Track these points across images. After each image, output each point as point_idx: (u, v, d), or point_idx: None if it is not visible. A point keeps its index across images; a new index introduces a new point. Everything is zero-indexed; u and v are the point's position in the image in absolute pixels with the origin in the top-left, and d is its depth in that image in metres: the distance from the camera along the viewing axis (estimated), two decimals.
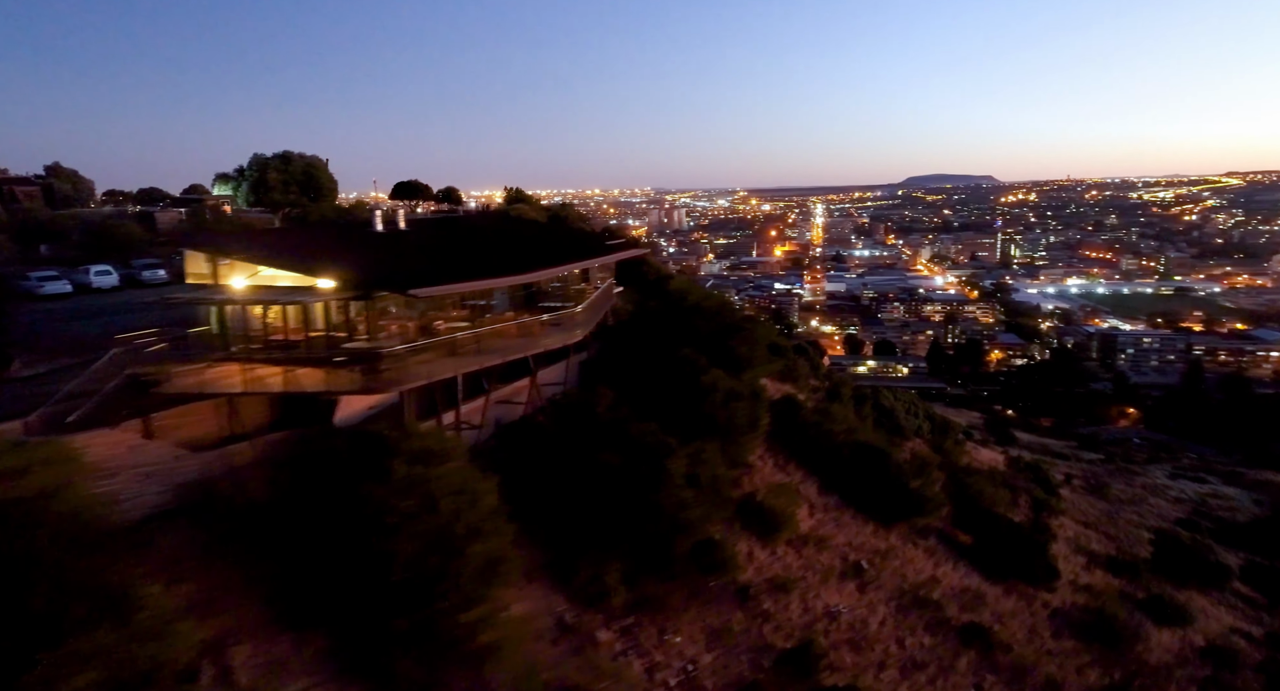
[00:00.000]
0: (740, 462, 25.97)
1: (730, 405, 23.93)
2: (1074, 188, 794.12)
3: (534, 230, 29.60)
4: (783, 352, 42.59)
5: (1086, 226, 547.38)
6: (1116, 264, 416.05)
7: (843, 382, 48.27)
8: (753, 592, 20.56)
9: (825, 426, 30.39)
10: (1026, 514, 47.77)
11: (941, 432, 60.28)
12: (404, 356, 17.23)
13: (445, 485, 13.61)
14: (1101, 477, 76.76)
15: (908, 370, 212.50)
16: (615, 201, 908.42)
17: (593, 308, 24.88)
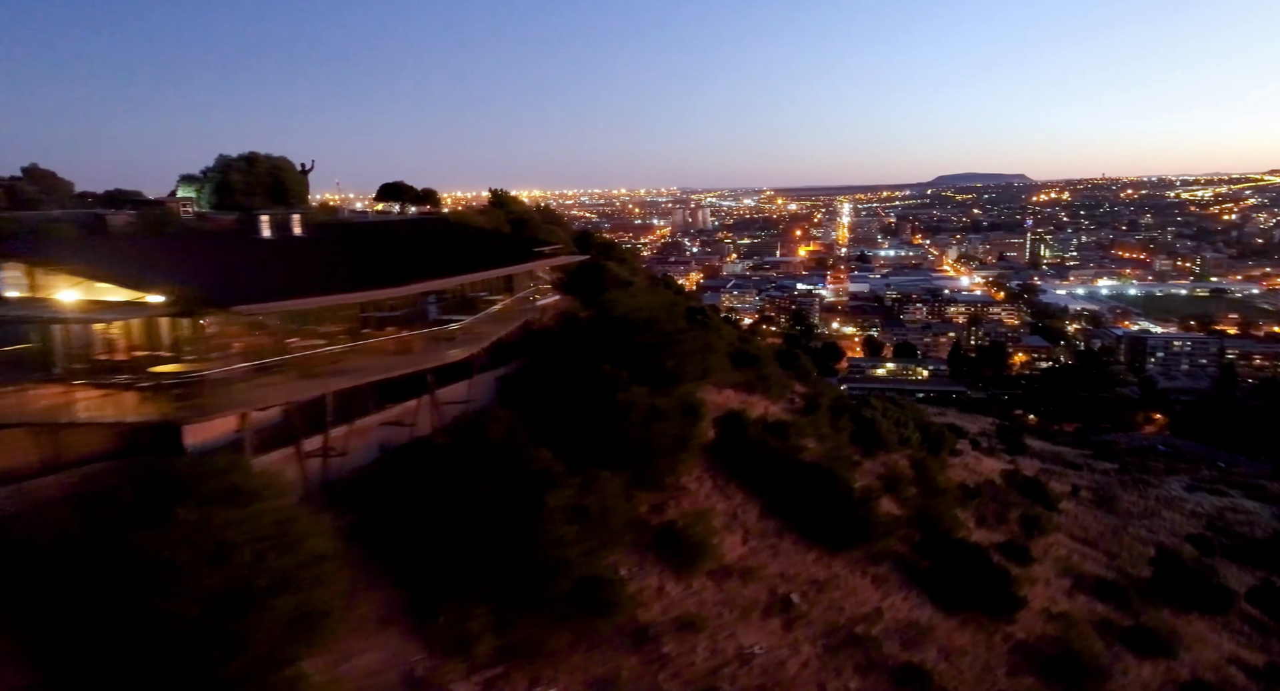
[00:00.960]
0: (666, 486, 24.39)
1: (651, 425, 22.38)
2: (1109, 186, 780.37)
3: (464, 237, 28.17)
4: (753, 361, 40.97)
5: (1120, 226, 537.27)
6: (1150, 264, 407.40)
7: (823, 392, 46.39)
8: (653, 633, 18.97)
9: (771, 444, 28.64)
10: (1014, 532, 45.64)
11: (935, 444, 58.14)
12: (234, 380, 15.90)
13: (248, 530, 12.24)
14: (1113, 489, 73.92)
15: (928, 373, 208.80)
16: (641, 201, 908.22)
17: (499, 319, 23.37)
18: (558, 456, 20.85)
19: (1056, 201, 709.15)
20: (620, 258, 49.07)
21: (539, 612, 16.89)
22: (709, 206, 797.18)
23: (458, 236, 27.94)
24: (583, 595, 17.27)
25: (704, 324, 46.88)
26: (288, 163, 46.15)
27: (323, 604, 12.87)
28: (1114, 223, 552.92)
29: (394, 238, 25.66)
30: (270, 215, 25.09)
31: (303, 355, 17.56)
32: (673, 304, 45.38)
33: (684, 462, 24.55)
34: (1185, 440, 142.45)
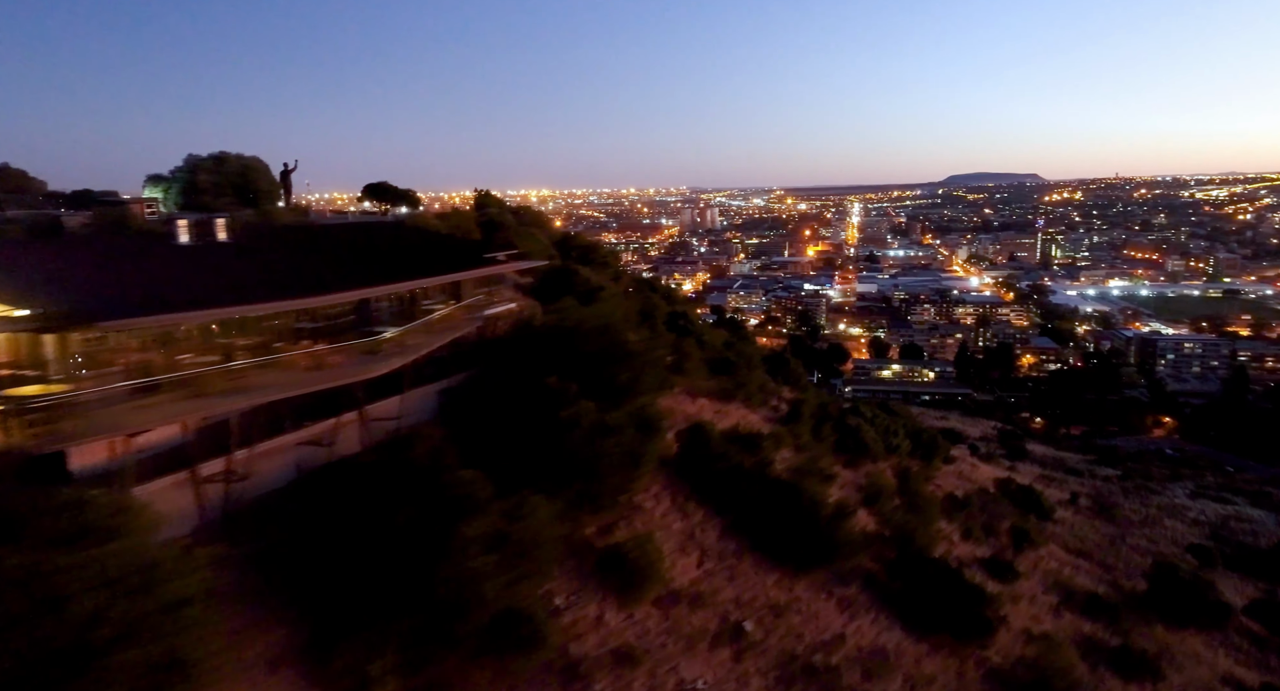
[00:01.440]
0: (618, 505, 23.15)
1: (598, 442, 21.18)
2: (1122, 186, 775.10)
3: (413, 242, 26.99)
4: (732, 368, 39.71)
5: (1133, 226, 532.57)
6: (1162, 265, 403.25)
7: (809, 398, 45.04)
8: (584, 669, 17.71)
9: (735, 458, 27.35)
10: (1003, 544, 44.27)
11: (928, 451, 56.75)
12: (109, 402, 14.72)
13: (92, 575, 11.11)
14: (1113, 497, 72.33)
15: (934, 375, 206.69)
16: (650, 201, 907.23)
17: (437, 329, 22.06)
18: (493, 477, 19.67)
19: (1069, 201, 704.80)
20: (601, 261, 47.89)
21: (454, 650, 15.72)
22: (718, 206, 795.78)
23: (407, 241, 26.77)
24: (502, 630, 16.09)
25: (685, 329, 45.68)
26: (259, 163, 45.20)
27: (186, 652, 11.75)
28: (1127, 223, 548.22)
29: (335, 243, 24.51)
30: (189, 219, 24.01)
31: (193, 373, 16.36)
32: (649, 309, 44.33)
33: (638, 480, 23.29)
34: (1194, 444, 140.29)
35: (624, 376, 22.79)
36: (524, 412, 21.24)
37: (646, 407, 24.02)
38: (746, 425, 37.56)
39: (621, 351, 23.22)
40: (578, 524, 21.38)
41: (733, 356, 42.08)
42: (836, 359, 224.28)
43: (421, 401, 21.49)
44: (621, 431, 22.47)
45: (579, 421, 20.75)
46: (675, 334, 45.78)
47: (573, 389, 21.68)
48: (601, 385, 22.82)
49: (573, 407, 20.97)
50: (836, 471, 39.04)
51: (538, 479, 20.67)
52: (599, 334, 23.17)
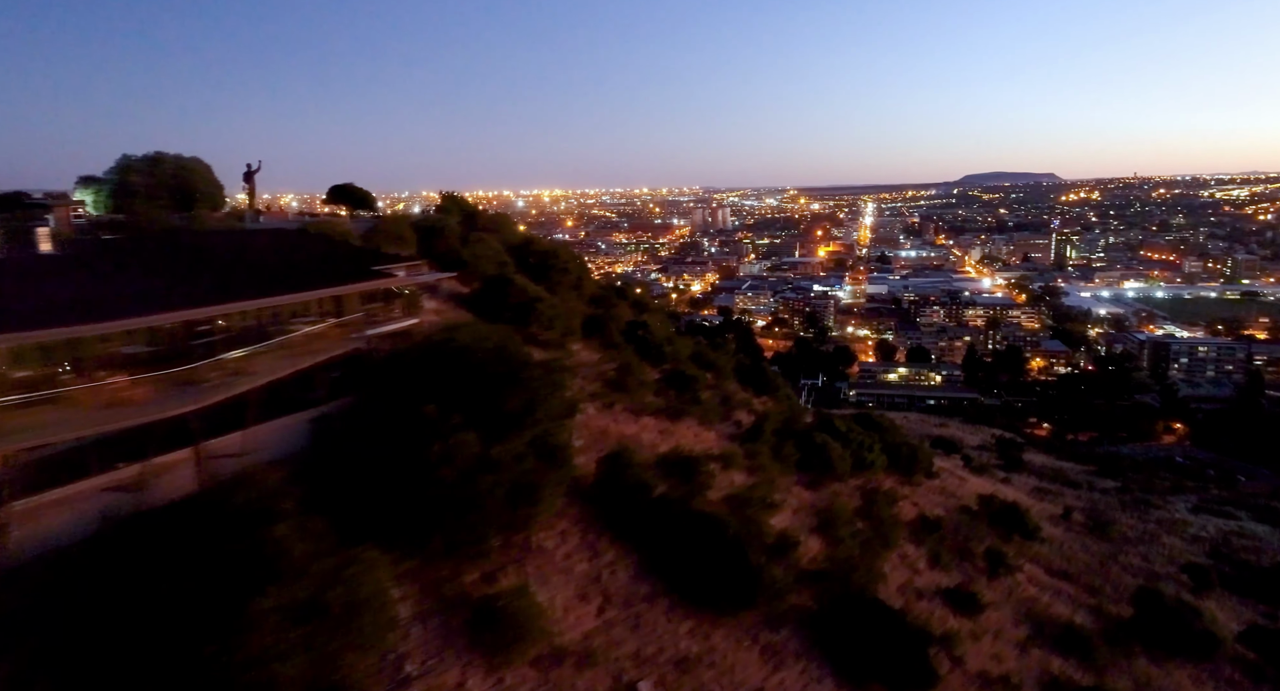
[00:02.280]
0: (510, 547, 20.97)
1: (479, 479, 19.05)
2: (1140, 186, 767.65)
3: (298, 253, 24.83)
4: (684, 383, 37.43)
5: (1151, 227, 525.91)
6: (1179, 266, 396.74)
7: (772, 413, 42.69)
8: None
9: (660, 488, 25.07)
10: (977, 569, 41.78)
11: (909, 465, 54.32)
12: None
13: None
14: (1110, 512, 69.39)
15: (941, 378, 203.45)
16: (663, 200, 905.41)
17: (296, 352, 19.86)
18: (347, 525, 17.58)
19: (1086, 201, 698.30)
20: (561, 267, 45.68)
21: None
22: (731, 206, 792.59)
23: (293, 252, 24.68)
24: None
25: (643, 339, 43.47)
26: (199, 164, 43.35)
27: None
28: (1144, 223, 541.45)
29: (204, 255, 22.40)
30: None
31: None
32: (602, 319, 42.21)
33: (536, 518, 21.12)
34: (1206, 451, 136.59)
35: (517, 402, 20.58)
36: (395, 446, 19.12)
37: (549, 436, 21.81)
38: (695, 446, 35.33)
39: (516, 373, 21.02)
40: (457, 571, 19.19)
41: (689, 370, 39.77)
42: (842, 361, 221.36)
43: (283, 433, 19.34)
44: (514, 464, 20.29)
45: (452, 456, 18.60)
46: (633, 345, 43.61)
47: (454, 419, 19.51)
48: (493, 413, 20.64)
49: (448, 440, 18.82)
50: (791, 495, 36.77)
51: (405, 524, 18.58)
52: (490, 355, 20.95)
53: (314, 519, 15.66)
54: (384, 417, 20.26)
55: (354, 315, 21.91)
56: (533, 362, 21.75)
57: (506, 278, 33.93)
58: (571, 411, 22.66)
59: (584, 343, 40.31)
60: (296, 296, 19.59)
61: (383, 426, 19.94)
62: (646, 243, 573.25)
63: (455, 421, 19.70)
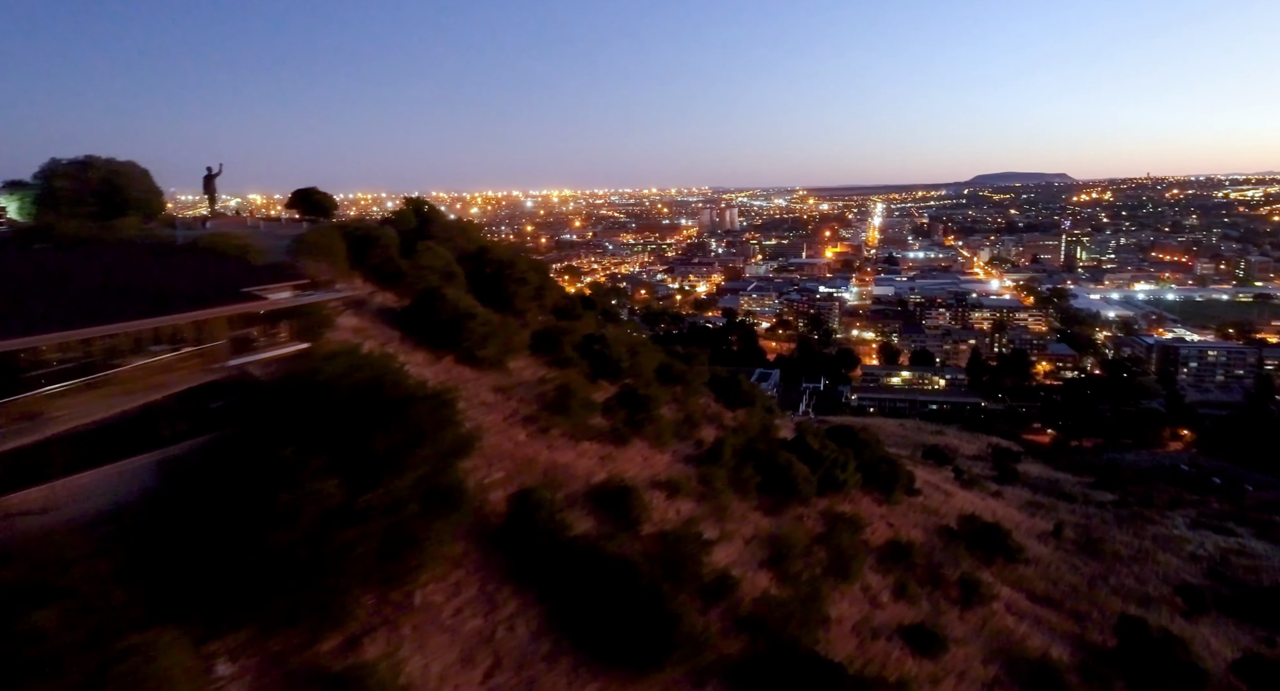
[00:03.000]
0: (386, 606, 18.99)
1: (337, 533, 17.09)
2: (1153, 186, 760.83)
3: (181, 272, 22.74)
4: (639, 403, 35.32)
5: (1163, 227, 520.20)
6: (1191, 268, 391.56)
7: (726, 438, 40.50)
8: None
9: (578, 527, 22.97)
10: (949, 598, 39.57)
11: (888, 482, 52.17)
12: None
13: None
14: (1104, 528, 66.91)
15: (945, 382, 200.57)
16: (671, 201, 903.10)
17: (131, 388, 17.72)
18: (175, 592, 15.70)
19: (1098, 201, 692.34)
20: (519, 278, 43.63)
21: None
22: (739, 206, 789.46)
23: (170, 270, 22.65)
24: None
25: (600, 352, 41.38)
26: (133, 168, 41.46)
27: None
28: (1157, 224, 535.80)
29: (45, 276, 20.34)
30: None
31: None
32: (555, 334, 40.16)
33: (418, 571, 19.15)
34: (1213, 459, 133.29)
35: (392, 441, 18.58)
36: (242, 496, 17.13)
37: (435, 477, 19.83)
38: (641, 473, 33.29)
39: (394, 408, 19.02)
40: (312, 639, 17.15)
41: (645, 388, 37.65)
42: (845, 365, 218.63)
43: (115, 481, 17.22)
44: (387, 512, 18.32)
45: (302, 508, 16.63)
46: (588, 361, 41.57)
47: (315, 463, 17.54)
48: (365, 454, 18.65)
49: (300, 489, 16.84)
50: (746, 523, 34.67)
51: (245, 589, 16.49)
52: (363, 387, 18.95)
53: (114, 592, 13.68)
54: (241, 461, 18.30)
55: (217, 342, 19.86)
56: (418, 394, 19.71)
57: (436, 292, 31.89)
58: (464, 448, 20.62)
59: (533, 359, 38.26)
60: (127, 325, 17.53)
61: (237, 471, 17.98)
62: (654, 243, 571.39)
63: (315, 465, 17.72)
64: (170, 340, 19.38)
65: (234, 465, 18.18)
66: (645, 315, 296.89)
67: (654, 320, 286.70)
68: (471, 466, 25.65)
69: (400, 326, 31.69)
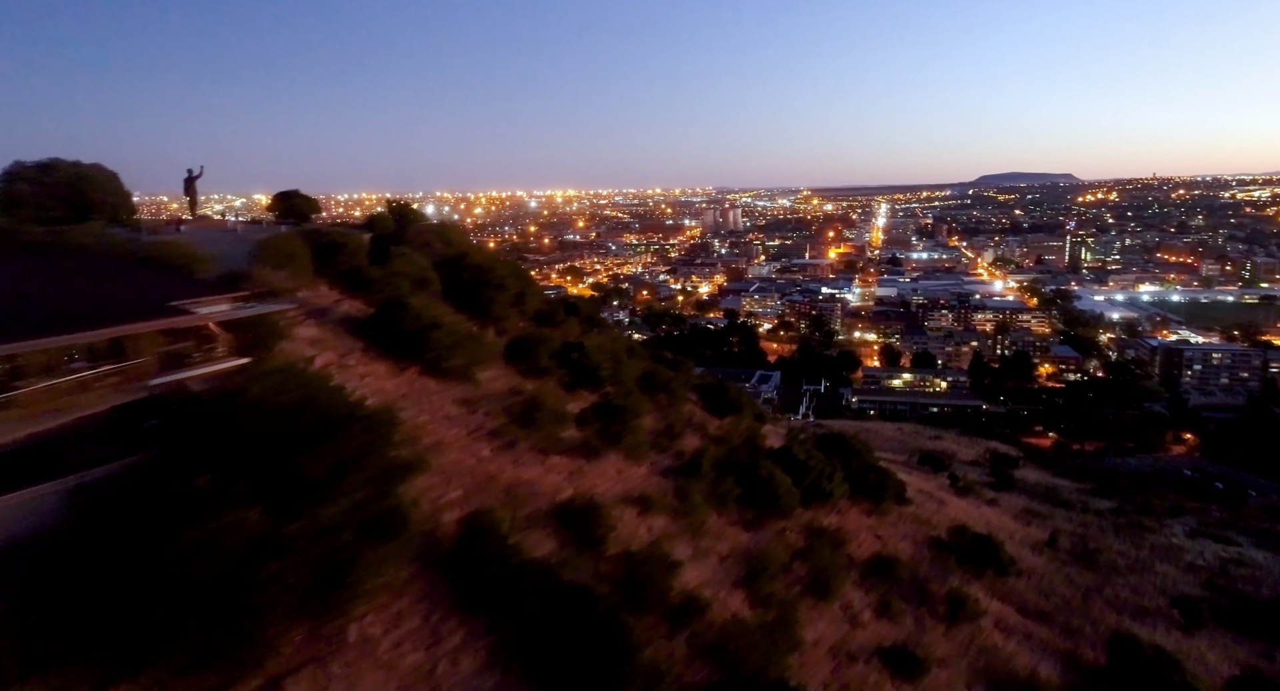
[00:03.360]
0: (318, 642, 17.96)
1: (257, 567, 16.08)
2: (1159, 187, 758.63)
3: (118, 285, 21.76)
4: (614, 413, 34.28)
5: (1169, 228, 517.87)
6: (1196, 269, 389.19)
7: (709, 447, 39.53)
8: None
9: (516, 557, 21.91)
10: (935, 614, 38.46)
11: (876, 491, 51.03)
12: None
13: None
14: (1101, 537, 65.64)
15: (946, 384, 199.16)
16: (675, 201, 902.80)
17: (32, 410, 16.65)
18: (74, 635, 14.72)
19: (1103, 202, 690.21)
20: (498, 283, 42.60)
21: None
22: (743, 207, 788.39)
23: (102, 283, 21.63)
24: None
25: (579, 361, 40.34)
26: (101, 171, 40.53)
27: None
28: (1162, 224, 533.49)
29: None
30: None
31: None
32: (530, 343, 39.10)
33: (354, 602, 18.12)
34: (1216, 464, 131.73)
35: (324, 465, 17.56)
36: (153, 527, 16.11)
37: (374, 502, 18.83)
38: (613, 488, 32.26)
39: (328, 430, 18.01)
40: (227, 681, 16.08)
41: (621, 398, 36.61)
42: (846, 366, 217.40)
43: (10, 514, 15.99)
44: (316, 542, 17.32)
45: (218, 540, 15.62)
46: (566, 370, 40.55)
47: (237, 489, 16.55)
48: (294, 480, 17.63)
49: (214, 520, 15.83)
50: (723, 539, 33.61)
51: (158, 628, 15.45)
52: (293, 407, 17.92)
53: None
54: (157, 488, 17.29)
55: (143, 359, 18.83)
56: (355, 414, 18.69)
57: (399, 301, 30.89)
58: (405, 471, 19.60)
59: (507, 369, 37.23)
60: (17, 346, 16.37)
61: (150, 500, 16.97)
62: (657, 244, 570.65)
63: (235, 493, 16.73)
64: (92, 357, 18.40)
65: (149, 493, 17.19)
66: (647, 316, 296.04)
67: (655, 321, 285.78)
68: (426, 485, 24.67)
69: (364, 336, 30.71)
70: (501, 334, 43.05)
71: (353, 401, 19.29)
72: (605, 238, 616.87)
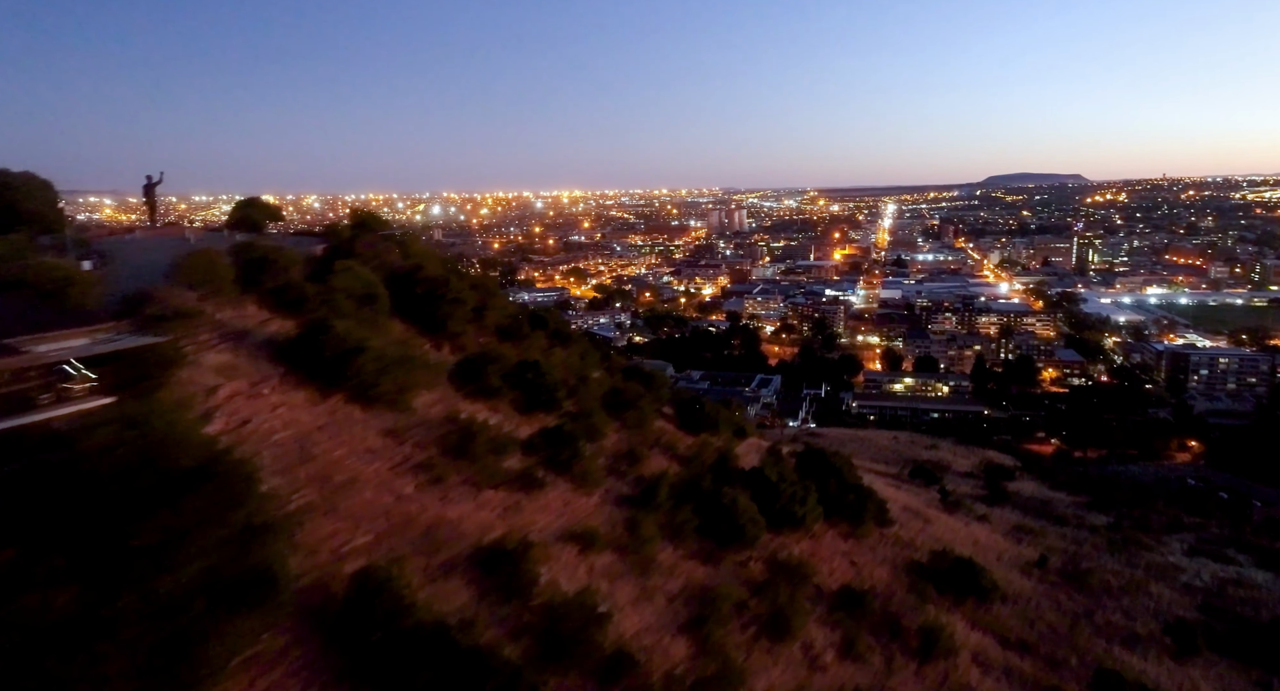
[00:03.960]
0: None
1: (78, 650, 14.12)
2: (1169, 187, 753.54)
3: None
4: (564, 440, 32.15)
5: (1178, 230, 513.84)
6: (1205, 271, 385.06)
7: (665, 474, 37.44)
8: None
9: (410, 618, 19.89)
10: (905, 650, 36.28)
11: (855, 512, 48.87)
12: None
13: None
14: (1094, 555, 63.34)
15: (948, 389, 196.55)
16: (681, 202, 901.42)
17: None
18: None
19: (1112, 203, 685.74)
20: (454, 297, 40.66)
21: None
22: (749, 207, 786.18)
23: None
24: None
25: (534, 381, 38.33)
26: (32, 179, 38.83)
27: None
28: (1171, 226, 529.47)
29: None
30: None
31: None
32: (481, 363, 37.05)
33: (211, 679, 16.14)
34: (1221, 472, 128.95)
35: (151, 536, 15.51)
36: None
37: (242, 561, 16.85)
38: (554, 523, 30.24)
39: (172, 487, 16.01)
40: None
41: (569, 424, 34.57)
42: (848, 370, 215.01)
43: None
44: (150, 618, 15.34)
45: (19, 622, 13.67)
46: (520, 390, 38.54)
47: (54, 563, 14.61)
48: (123, 547, 15.61)
49: (18, 601, 13.89)
50: (674, 576, 31.52)
51: None
52: (133, 462, 15.93)
53: None
54: None
55: None
56: (208, 467, 16.70)
57: (322, 322, 28.91)
58: (272, 528, 17.59)
59: (452, 392, 35.21)
60: None
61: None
62: (662, 245, 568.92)
63: (54, 568, 14.79)
64: None
65: None
66: (649, 319, 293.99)
67: (657, 324, 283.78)
68: (330, 531, 22.72)
69: (285, 362, 28.75)
70: (458, 350, 41.09)
71: (213, 452, 17.28)
72: (610, 239, 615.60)
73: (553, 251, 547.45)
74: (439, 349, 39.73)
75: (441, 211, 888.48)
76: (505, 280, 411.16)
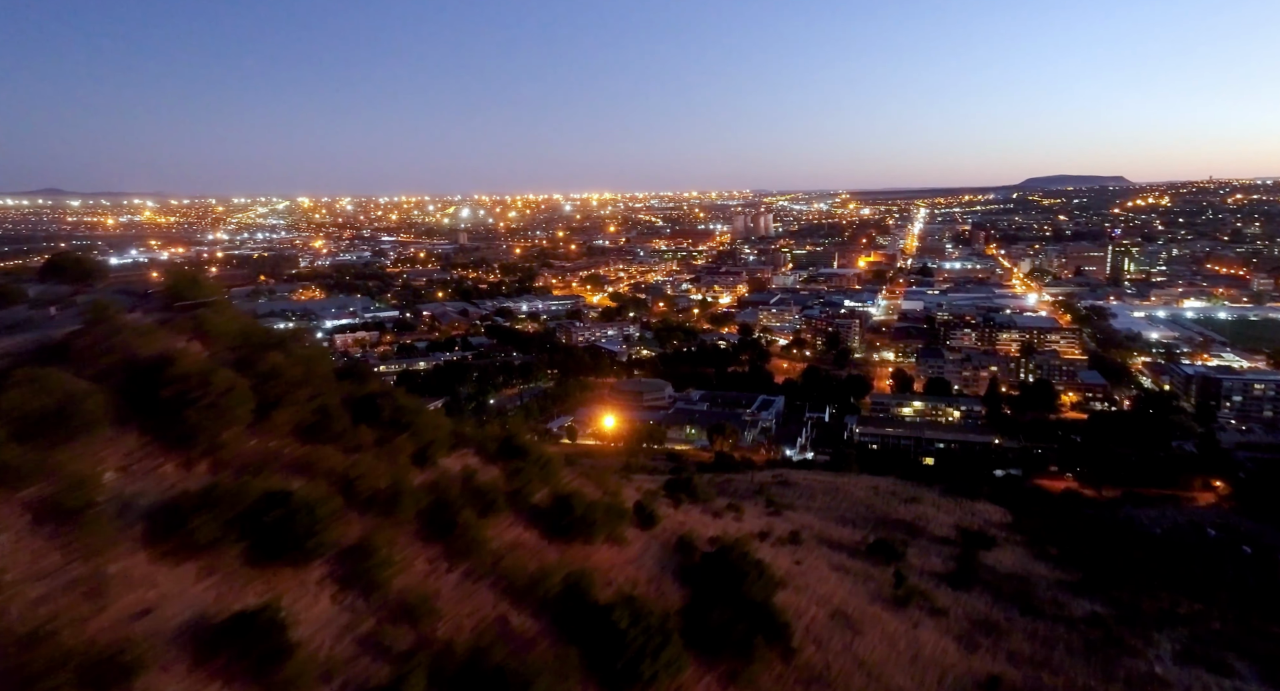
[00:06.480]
0: None
1: None
2: (1215, 191, 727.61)
3: None
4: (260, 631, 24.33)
5: (1221, 236, 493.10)
6: (1248, 282, 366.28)
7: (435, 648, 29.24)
8: None
9: None
10: None
11: (741, 648, 40.23)
12: None
13: None
14: (1065, 663, 53.84)
15: (960, 414, 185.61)
16: (710, 204, 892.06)
17: None
18: None
19: (1154, 207, 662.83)
20: (210, 403, 32.87)
21: None
22: (777, 211, 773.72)
23: None
24: None
25: (283, 524, 30.45)
26: None
27: None
28: (1215, 232, 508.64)
29: None
30: None
31: None
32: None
33: None
34: (1250, 518, 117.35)
35: None
36: None
37: None
38: None
39: None
40: None
41: (272, 608, 26.52)
42: (855, 391, 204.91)
43: None
44: None
45: None
46: (254, 537, 30.46)
47: None
48: None
49: None
50: None
51: None
52: None
53: None
54: None
55: None
56: None
57: None
58: None
59: (139, 554, 27.36)
60: None
61: None
62: (685, 250, 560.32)
63: None
64: None
65: None
66: (657, 331, 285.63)
67: (665, 337, 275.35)
68: None
69: None
70: (219, 468, 33.28)
71: None
72: (635, 243, 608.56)
73: (575, 256, 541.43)
74: (187, 468, 32.03)
75: (470, 214, 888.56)
76: (521, 287, 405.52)
